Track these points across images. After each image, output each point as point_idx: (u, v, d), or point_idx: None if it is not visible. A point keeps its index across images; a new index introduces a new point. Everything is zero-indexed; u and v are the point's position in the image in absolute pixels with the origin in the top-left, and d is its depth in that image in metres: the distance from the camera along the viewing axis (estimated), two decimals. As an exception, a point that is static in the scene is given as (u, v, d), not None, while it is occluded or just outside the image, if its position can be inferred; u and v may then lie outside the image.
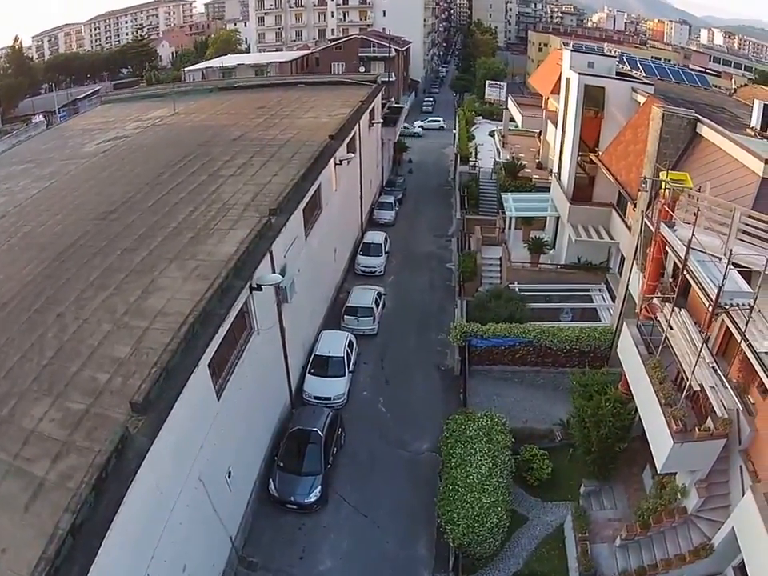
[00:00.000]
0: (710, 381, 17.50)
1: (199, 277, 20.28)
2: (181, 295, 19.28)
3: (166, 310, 18.51)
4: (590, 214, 34.50)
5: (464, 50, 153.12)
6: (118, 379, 15.86)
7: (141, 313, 18.58)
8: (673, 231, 19.54)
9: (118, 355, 16.70)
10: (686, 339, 18.96)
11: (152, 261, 21.91)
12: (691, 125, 24.75)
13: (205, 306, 18.11)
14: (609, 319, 32.32)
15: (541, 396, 29.49)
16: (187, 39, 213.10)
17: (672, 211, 19.69)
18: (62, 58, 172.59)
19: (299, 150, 33.18)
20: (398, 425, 28.55)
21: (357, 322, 34.76)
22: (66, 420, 14.77)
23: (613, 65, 36.08)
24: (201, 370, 17.43)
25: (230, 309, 19.43)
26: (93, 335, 17.73)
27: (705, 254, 17.62)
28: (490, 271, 39.40)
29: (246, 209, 25.77)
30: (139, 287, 20.04)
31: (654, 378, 19.34)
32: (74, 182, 33.16)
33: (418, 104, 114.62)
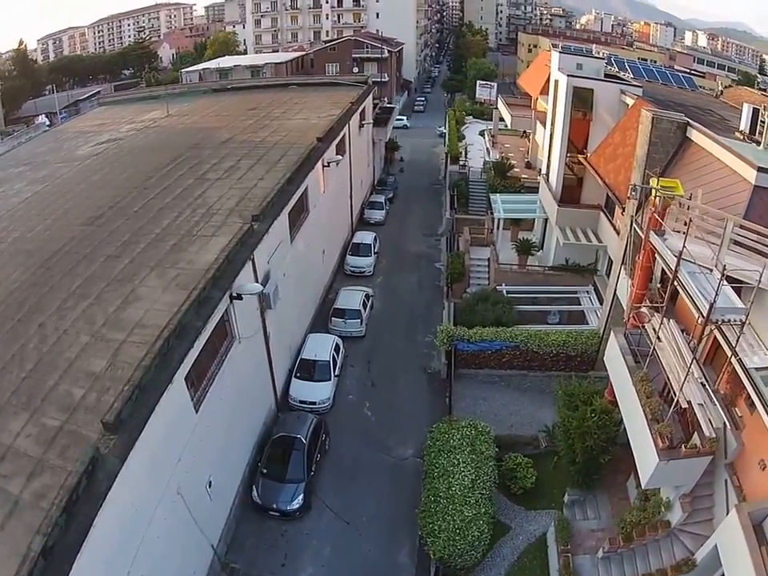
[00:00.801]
0: (698, 398, 16.37)
1: (178, 286, 19.35)
2: (159, 306, 18.41)
3: (143, 322, 17.69)
4: (578, 216, 33.27)
5: (456, 50, 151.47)
6: (93, 395, 15.22)
7: (119, 324, 17.83)
8: (663, 240, 18.25)
9: (93, 369, 16.07)
10: (674, 353, 17.72)
11: (134, 269, 21.03)
12: (681, 129, 23.53)
13: (181, 319, 17.23)
14: (596, 322, 31.21)
15: (527, 400, 28.66)
16: (187, 41, 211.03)
17: (662, 219, 18.38)
18: (65, 60, 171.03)
19: (287, 152, 31.94)
20: (383, 429, 27.55)
21: (344, 324, 33.60)
22: (41, 436, 14.26)
23: (601, 67, 34.85)
24: (176, 385, 16.58)
25: (207, 321, 18.40)
26: (71, 347, 17.12)
27: (695, 264, 16.38)
28: (478, 272, 38.22)
29: (230, 214, 24.63)
30: (119, 296, 19.28)
31: (641, 392, 18.30)
32: (65, 185, 32.13)
33: (410, 104, 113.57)
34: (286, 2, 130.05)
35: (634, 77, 43.23)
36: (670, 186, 18.48)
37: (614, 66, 47.74)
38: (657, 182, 18.30)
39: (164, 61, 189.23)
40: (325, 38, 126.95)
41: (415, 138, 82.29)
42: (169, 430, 16.46)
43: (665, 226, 18.37)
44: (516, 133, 63.63)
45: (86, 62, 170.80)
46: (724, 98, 43.37)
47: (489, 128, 67.50)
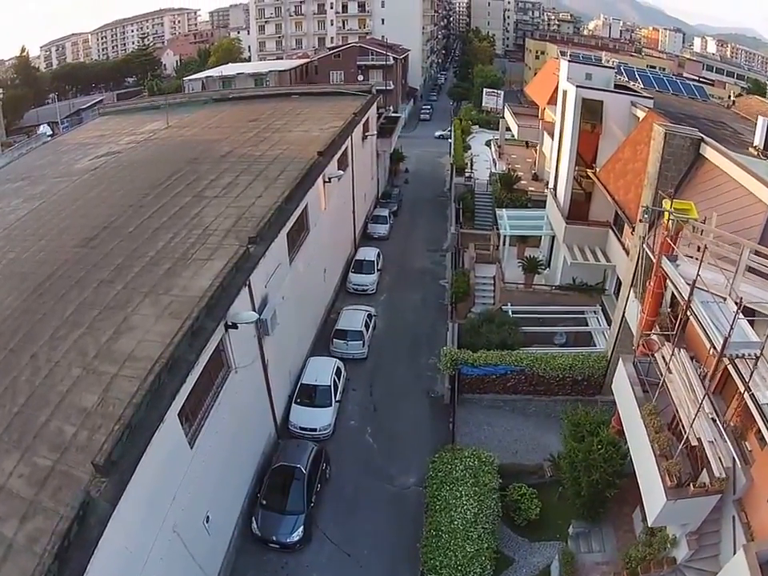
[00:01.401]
0: (708, 435, 15.63)
1: (171, 315, 18.88)
2: (151, 336, 18.00)
3: (135, 354, 17.29)
4: (587, 234, 32.61)
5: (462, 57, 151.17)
6: (84, 433, 14.92)
7: (111, 356, 17.47)
8: (675, 266, 17.55)
9: (85, 405, 15.75)
10: (685, 386, 17.00)
11: (127, 295, 20.60)
12: (695, 145, 22.67)
13: (173, 353, 16.79)
14: (604, 344, 30.59)
15: (532, 424, 28.10)
16: (191, 48, 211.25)
17: (674, 244, 17.67)
18: (68, 68, 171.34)
19: (287, 167, 31.43)
20: (385, 457, 26.96)
21: (346, 346, 33.02)
22: (33, 477, 14.07)
23: (611, 76, 34.17)
24: (169, 422, 16.17)
25: (200, 354, 17.90)
26: (63, 380, 16.80)
27: (708, 292, 15.70)
28: (484, 291, 37.60)
29: (226, 235, 24.12)
30: (112, 325, 18.90)
31: (649, 427, 17.66)
32: (61, 203, 31.71)
33: (416, 112, 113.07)
34: (290, 8, 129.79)
35: (644, 87, 42.56)
36: (684, 208, 17.76)
37: (623, 75, 47.16)
38: (670, 204, 17.54)
39: (167, 68, 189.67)
40: (329, 45, 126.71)
41: (421, 147, 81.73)
42: (162, 469, 16.07)
43: (677, 251, 17.66)
44: (523, 143, 63.01)
45: (89, 69, 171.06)
46: (736, 109, 42.69)
47: (495, 138, 67.04)
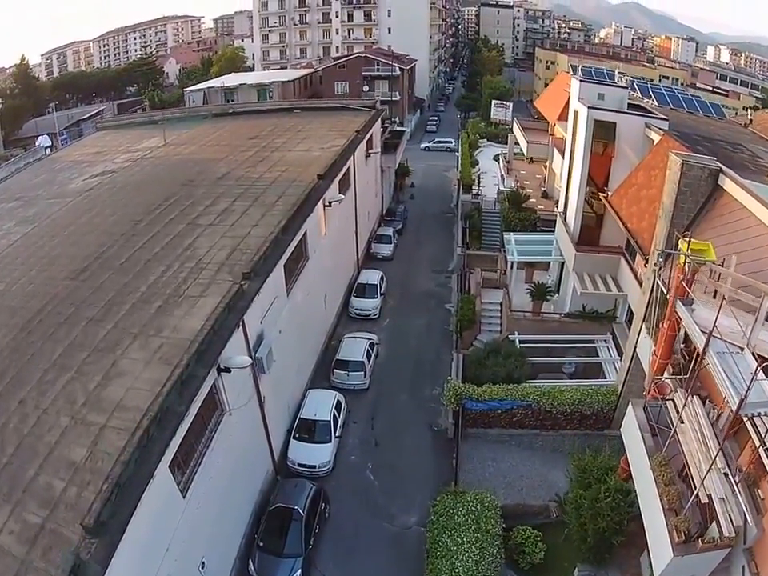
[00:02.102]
0: (719, 491, 14.92)
1: (161, 360, 18.43)
2: (140, 384, 17.60)
3: (124, 403, 16.95)
4: (597, 262, 31.89)
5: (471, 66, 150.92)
6: (73, 489, 14.73)
7: (99, 404, 17.15)
8: (690, 311, 16.78)
9: (73, 458, 15.54)
10: (697, 439, 16.24)
11: (116, 336, 20.12)
12: (713, 176, 21.90)
13: (162, 404, 16.35)
14: (614, 375, 30.01)
15: (538, 460, 27.50)
16: (195, 56, 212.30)
17: (690, 287, 16.90)
18: (69, 77, 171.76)
19: (285, 191, 30.87)
20: (386, 494, 26.39)
21: (347, 377, 32.42)
22: (24, 534, 13.98)
23: (624, 96, 33.34)
24: (160, 475, 15.84)
25: (190, 405, 17.40)
26: (51, 430, 16.62)
27: (724, 341, 14.96)
28: (490, 317, 37.05)
29: (219, 269, 23.58)
30: (100, 370, 18.53)
31: (658, 479, 17.03)
32: (53, 228, 31.25)
33: (423, 123, 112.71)
34: (295, 17, 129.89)
35: (658, 104, 42.01)
36: (701, 249, 16.99)
37: (637, 91, 46.59)
38: (687, 246, 16.77)
39: (170, 76, 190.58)
40: (334, 54, 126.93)
41: (427, 160, 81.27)
42: (154, 523, 15.81)
43: (693, 295, 16.91)
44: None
45: (90, 78, 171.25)
46: (754, 127, 42.08)
47: (504, 152, 66.50)
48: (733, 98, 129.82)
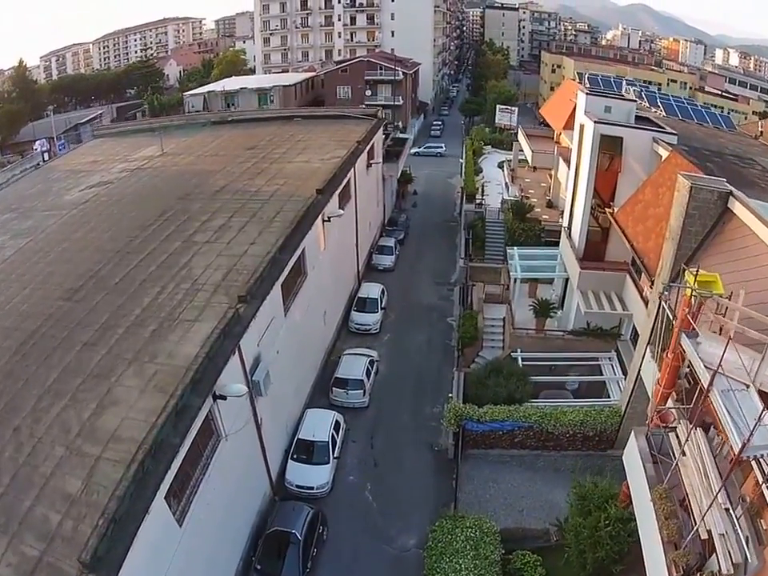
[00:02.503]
0: (720, 527, 14.53)
1: (156, 388, 18.42)
2: (135, 414, 17.61)
3: (119, 434, 16.99)
4: (602, 279, 31.60)
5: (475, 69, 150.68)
6: (69, 522, 14.84)
7: (94, 434, 17.21)
8: (696, 344, 16.44)
9: (69, 490, 15.65)
10: (699, 474, 15.92)
11: (111, 362, 20.09)
12: (723, 199, 21.47)
13: (156, 437, 16.37)
14: (618, 394, 29.89)
15: (540, 480, 27.46)
16: (196, 57, 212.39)
17: (696, 320, 16.56)
18: (67, 80, 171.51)
19: (283, 206, 30.68)
20: (385, 516, 26.28)
21: (346, 395, 32.25)
22: (22, 567, 14.11)
23: (632, 109, 32.84)
24: (156, 508, 15.90)
25: (185, 436, 17.42)
26: (46, 461, 16.67)
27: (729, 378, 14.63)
28: (493, 333, 36.84)
29: (215, 291, 23.41)
30: (95, 398, 18.56)
31: (659, 512, 16.70)
32: (48, 243, 31.14)
33: (426, 127, 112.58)
34: (297, 20, 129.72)
35: (666, 115, 41.67)
36: (708, 280, 16.63)
37: (644, 100, 46.20)
38: (694, 279, 16.41)
39: (171, 78, 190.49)
40: (337, 58, 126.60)
41: (430, 166, 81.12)
42: (151, 554, 15.90)
43: (698, 329, 16.56)
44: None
45: (89, 81, 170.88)
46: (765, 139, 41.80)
47: (508, 159, 66.24)
48: (742, 102, 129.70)
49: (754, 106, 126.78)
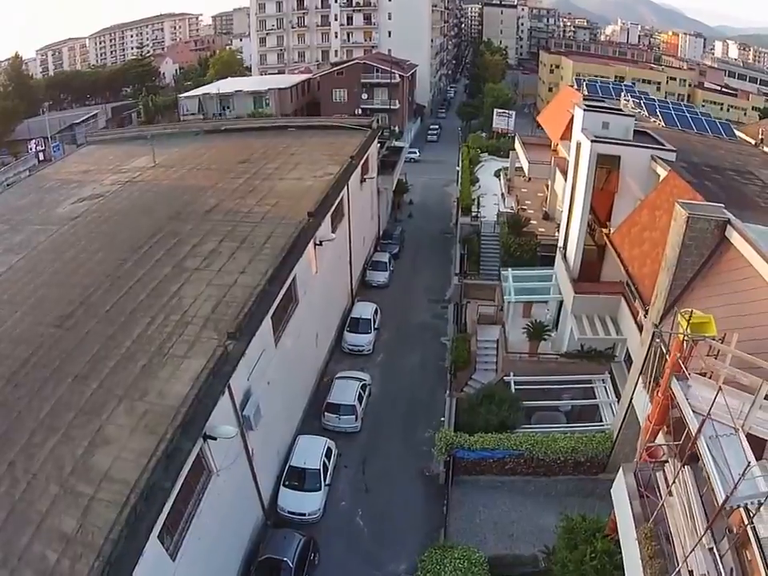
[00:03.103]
0: (702, 567, 14.50)
1: (147, 429, 18.78)
2: (127, 454, 18.03)
3: (111, 474, 17.45)
4: (597, 303, 31.39)
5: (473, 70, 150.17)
6: (66, 561, 15.28)
7: (87, 474, 17.66)
8: (686, 388, 16.34)
9: (65, 529, 16.14)
10: (685, 515, 15.92)
11: (102, 397, 20.40)
12: (720, 228, 21.28)
13: (148, 481, 16.79)
14: (611, 418, 29.97)
15: (530, 504, 27.76)
16: (192, 55, 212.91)
17: (687, 363, 16.45)
18: (63, 76, 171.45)
19: (274, 231, 30.57)
20: (376, 542, 26.61)
21: (338, 420, 32.35)
22: None
23: (630, 125, 32.17)
24: (150, 547, 16.41)
25: (176, 479, 17.88)
26: (41, 498, 17.16)
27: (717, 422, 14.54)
28: (486, 355, 36.74)
29: (204, 325, 23.47)
30: (87, 435, 18.93)
31: (644, 551, 16.72)
32: (39, 262, 31.24)
33: (423, 131, 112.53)
34: (293, 20, 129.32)
35: (665, 126, 41.53)
36: (702, 322, 16.52)
37: (643, 109, 46.04)
38: (686, 324, 16.31)
39: (167, 77, 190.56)
40: (333, 58, 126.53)
41: (427, 174, 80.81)
42: None
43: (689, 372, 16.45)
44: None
45: (85, 78, 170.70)
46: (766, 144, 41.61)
47: (505, 168, 65.85)
48: (742, 97, 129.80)
49: (754, 101, 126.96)
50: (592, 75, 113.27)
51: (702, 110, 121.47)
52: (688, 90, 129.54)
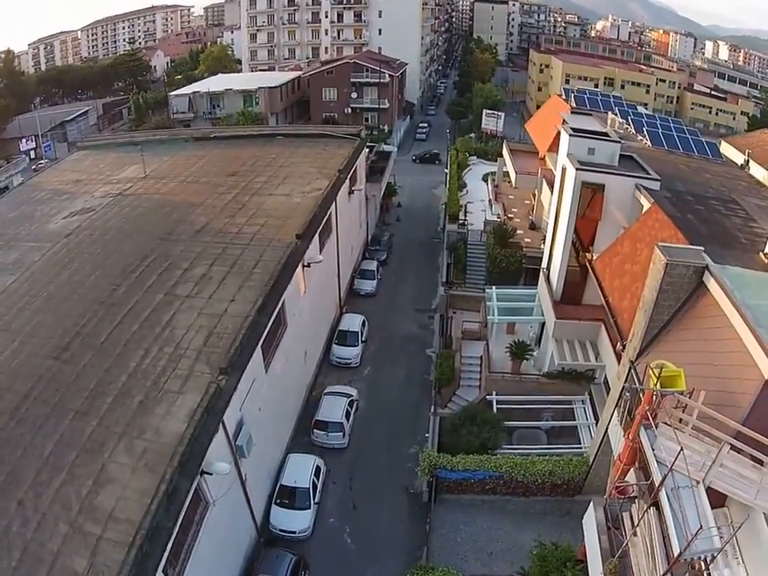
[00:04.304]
0: None
1: (147, 468, 19.63)
2: (129, 493, 18.94)
3: (116, 514, 18.35)
4: (578, 328, 32.02)
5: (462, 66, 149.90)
6: None
7: (93, 514, 18.54)
8: (653, 437, 16.95)
9: (76, 568, 17.03)
10: (647, 556, 16.64)
11: (102, 435, 21.16)
12: (698, 273, 21.78)
13: (152, 521, 17.77)
14: (589, 440, 31.00)
15: (509, 522, 28.82)
16: (183, 48, 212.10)
17: (654, 415, 17.06)
18: (55, 72, 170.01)
19: (263, 254, 30.95)
20: (363, 559, 27.79)
21: (326, 437, 33.18)
22: None
23: (616, 151, 32.34)
24: None
25: (178, 518, 18.82)
26: (52, 537, 17.99)
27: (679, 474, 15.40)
28: (470, 372, 37.50)
29: (197, 358, 24.04)
30: (91, 474, 19.77)
31: None
32: (33, 285, 31.48)
33: (412, 129, 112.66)
34: (284, 17, 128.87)
35: (652, 145, 41.90)
36: (672, 375, 17.11)
37: (630, 126, 46.38)
38: (656, 379, 16.88)
39: (158, 70, 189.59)
40: (324, 56, 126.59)
41: (415, 174, 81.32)
42: None
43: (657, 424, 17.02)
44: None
45: (76, 72, 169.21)
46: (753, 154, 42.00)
47: (492, 172, 66.16)
48: (731, 101, 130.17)
49: (743, 105, 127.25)
50: (582, 76, 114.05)
51: (690, 113, 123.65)
52: (677, 93, 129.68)
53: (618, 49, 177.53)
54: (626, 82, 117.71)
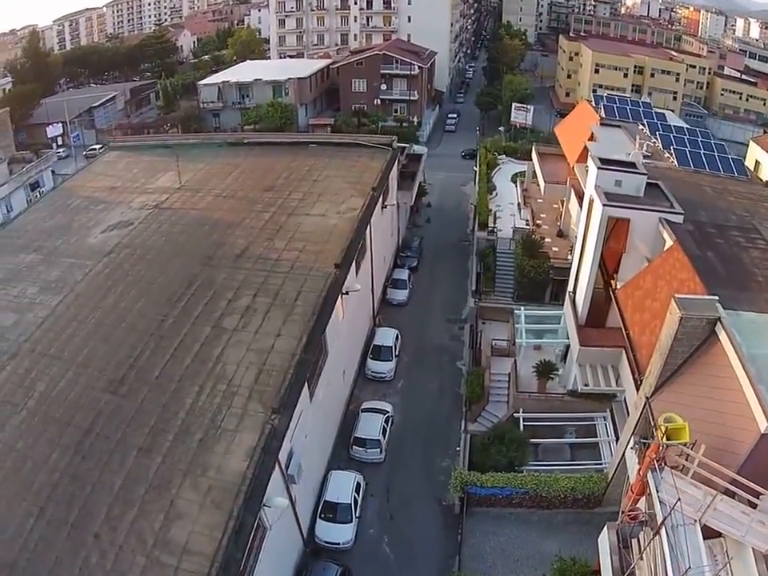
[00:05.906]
0: None
1: (213, 504, 21.95)
2: (199, 528, 21.24)
3: (189, 547, 20.67)
4: (601, 355, 33.80)
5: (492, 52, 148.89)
6: None
7: (167, 546, 20.79)
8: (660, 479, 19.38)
9: None
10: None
11: (168, 472, 23.31)
12: (711, 324, 23.76)
13: (224, 554, 20.15)
14: (609, 457, 33.46)
15: (534, 531, 31.59)
16: (210, 26, 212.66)
17: (661, 463, 19.50)
18: (80, 52, 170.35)
19: (303, 285, 32.70)
20: (401, 566, 30.83)
21: (365, 453, 35.98)
22: None
23: (642, 182, 33.49)
24: None
25: (246, 549, 21.33)
26: (132, 569, 20.29)
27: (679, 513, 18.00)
28: (499, 388, 39.66)
29: (250, 396, 26.12)
30: (161, 509, 21.97)
31: None
32: (80, 309, 33.27)
33: (441, 120, 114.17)
34: (312, 2, 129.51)
35: (678, 164, 42.89)
36: (678, 428, 19.47)
37: (658, 141, 47.15)
38: (663, 435, 19.24)
39: (184, 49, 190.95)
40: (352, 42, 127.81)
41: (445, 170, 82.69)
42: None
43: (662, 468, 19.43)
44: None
45: (102, 53, 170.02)
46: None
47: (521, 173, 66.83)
48: (762, 86, 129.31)
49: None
50: (611, 66, 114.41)
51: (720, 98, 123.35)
52: (707, 78, 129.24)
53: (648, 29, 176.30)
54: (656, 71, 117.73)
